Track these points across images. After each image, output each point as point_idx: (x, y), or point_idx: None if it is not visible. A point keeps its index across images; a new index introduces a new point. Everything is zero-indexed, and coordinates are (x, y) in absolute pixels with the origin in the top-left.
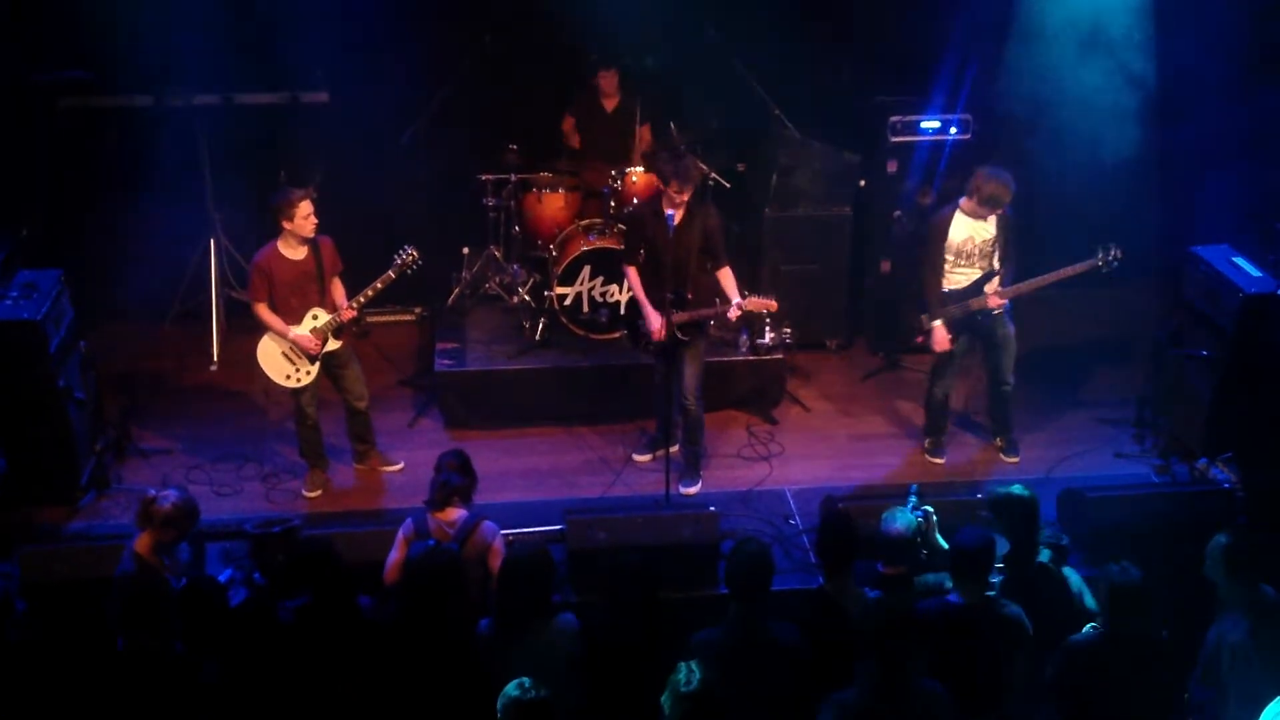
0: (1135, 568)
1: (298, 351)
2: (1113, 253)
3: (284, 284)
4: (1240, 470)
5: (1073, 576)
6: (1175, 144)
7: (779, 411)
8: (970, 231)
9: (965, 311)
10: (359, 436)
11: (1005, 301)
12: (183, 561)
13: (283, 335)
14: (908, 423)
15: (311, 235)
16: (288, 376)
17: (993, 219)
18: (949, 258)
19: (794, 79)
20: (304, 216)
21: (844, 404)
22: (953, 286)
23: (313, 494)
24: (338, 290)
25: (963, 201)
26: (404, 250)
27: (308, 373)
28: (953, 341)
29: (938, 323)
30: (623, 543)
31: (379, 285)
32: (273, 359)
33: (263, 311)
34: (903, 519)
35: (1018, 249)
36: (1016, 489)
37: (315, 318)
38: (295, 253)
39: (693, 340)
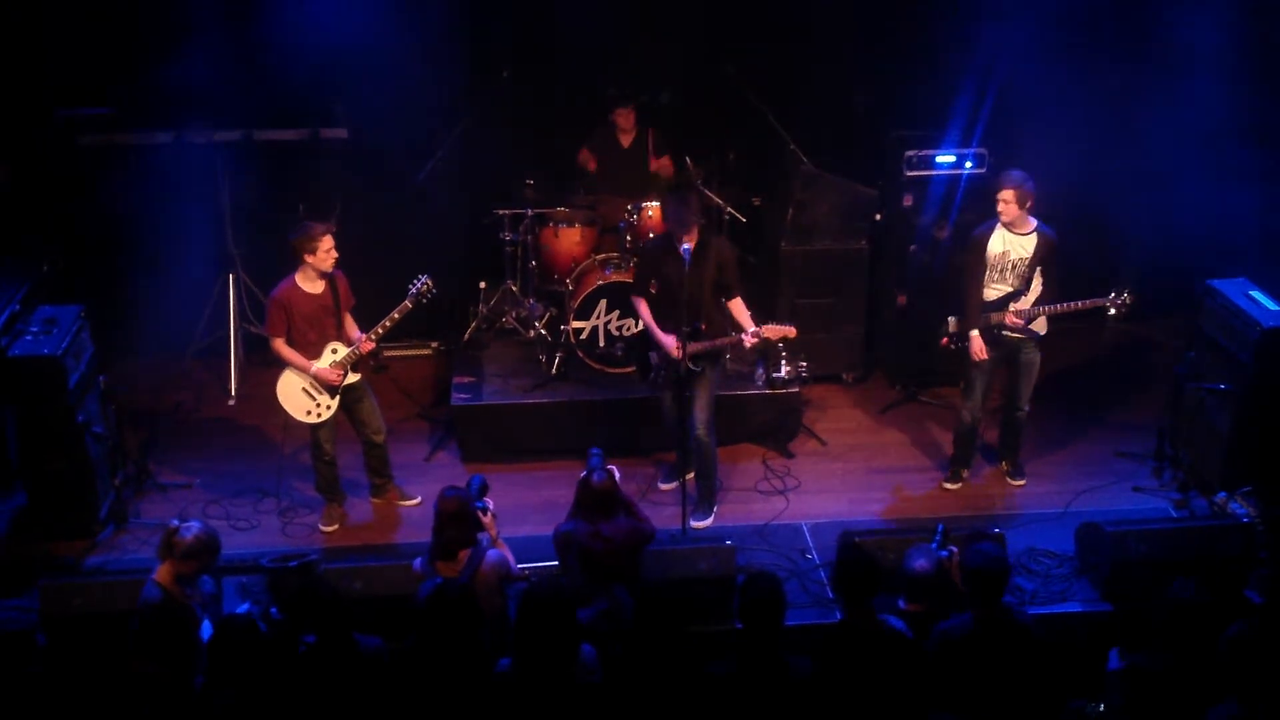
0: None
1: (318, 386)
2: (1124, 297)
3: (303, 318)
4: (1260, 504)
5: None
6: (1194, 177)
7: (795, 445)
8: (1006, 246)
9: (986, 324)
10: (376, 470)
11: (1020, 321)
12: (206, 594)
13: (304, 370)
14: (925, 456)
15: (331, 269)
16: (308, 412)
17: (1031, 239)
18: (989, 272)
19: (810, 113)
20: (326, 250)
21: (861, 437)
22: (985, 299)
23: (329, 528)
24: (351, 324)
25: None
26: (419, 279)
27: (328, 407)
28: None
29: (975, 331)
30: (639, 577)
31: (396, 315)
32: (293, 395)
33: (282, 347)
34: (927, 557)
35: (1055, 274)
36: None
37: (335, 351)
38: (313, 287)
39: (704, 371)
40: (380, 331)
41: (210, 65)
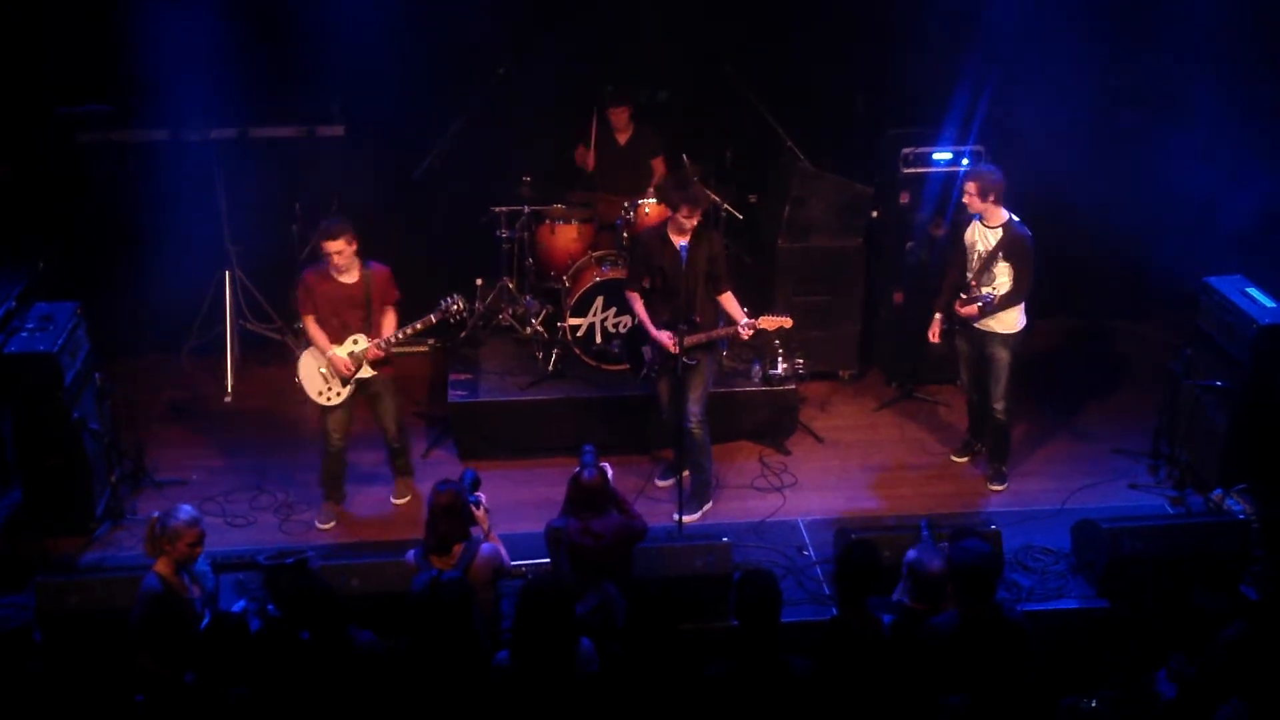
0: None
1: (332, 371)
2: (990, 296)
3: (325, 303)
4: (1256, 502)
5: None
6: (1191, 174)
7: (792, 442)
8: (976, 237)
9: (951, 310)
10: (391, 461)
11: (963, 310)
12: (208, 590)
13: (322, 352)
14: (922, 453)
15: (342, 270)
16: (320, 394)
17: (997, 232)
18: (967, 262)
19: (807, 111)
20: (333, 253)
21: (857, 434)
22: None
23: (325, 526)
24: (388, 321)
25: None
26: (451, 298)
27: (338, 394)
28: (943, 336)
29: (937, 315)
30: (635, 574)
31: (419, 326)
32: (311, 374)
33: (310, 325)
34: (941, 557)
35: (1025, 273)
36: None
37: (355, 343)
38: (346, 277)
39: (699, 363)
40: (395, 340)
41: (207, 62)
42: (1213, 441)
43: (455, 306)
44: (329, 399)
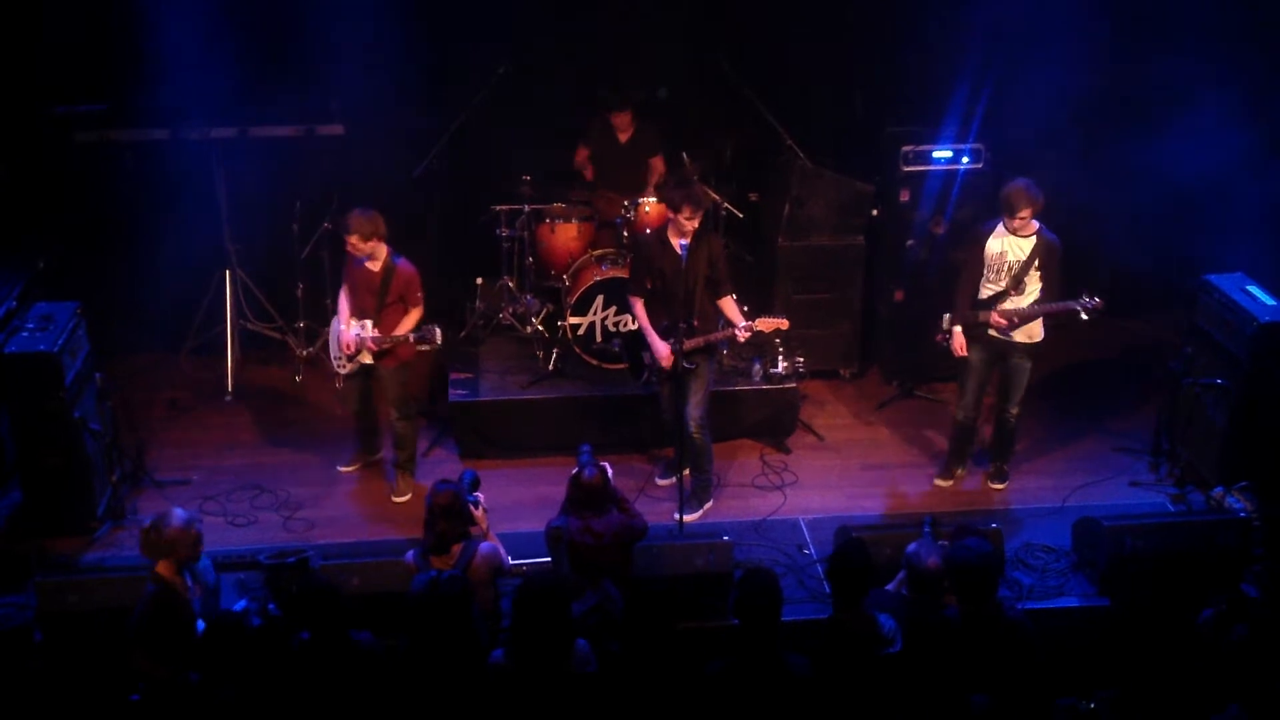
0: None
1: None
2: (1095, 301)
3: (350, 281)
4: (1257, 499)
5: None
6: (1191, 171)
7: (792, 440)
8: (1004, 248)
9: (971, 321)
10: (393, 447)
11: (1004, 321)
12: (208, 586)
13: (339, 322)
14: (922, 451)
15: (365, 260)
16: (334, 357)
17: (1030, 241)
18: (985, 271)
19: (807, 110)
20: (348, 242)
21: (857, 433)
22: (980, 296)
23: (345, 469)
24: (403, 320)
25: (1004, 218)
26: (432, 328)
27: (343, 366)
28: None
29: (958, 328)
30: (635, 573)
31: (399, 337)
32: (333, 339)
33: (341, 294)
34: (939, 553)
35: (1056, 279)
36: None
37: (364, 327)
38: (370, 264)
39: (699, 366)
40: (385, 342)
41: (206, 61)
42: (1213, 439)
43: (432, 336)
44: (337, 366)
